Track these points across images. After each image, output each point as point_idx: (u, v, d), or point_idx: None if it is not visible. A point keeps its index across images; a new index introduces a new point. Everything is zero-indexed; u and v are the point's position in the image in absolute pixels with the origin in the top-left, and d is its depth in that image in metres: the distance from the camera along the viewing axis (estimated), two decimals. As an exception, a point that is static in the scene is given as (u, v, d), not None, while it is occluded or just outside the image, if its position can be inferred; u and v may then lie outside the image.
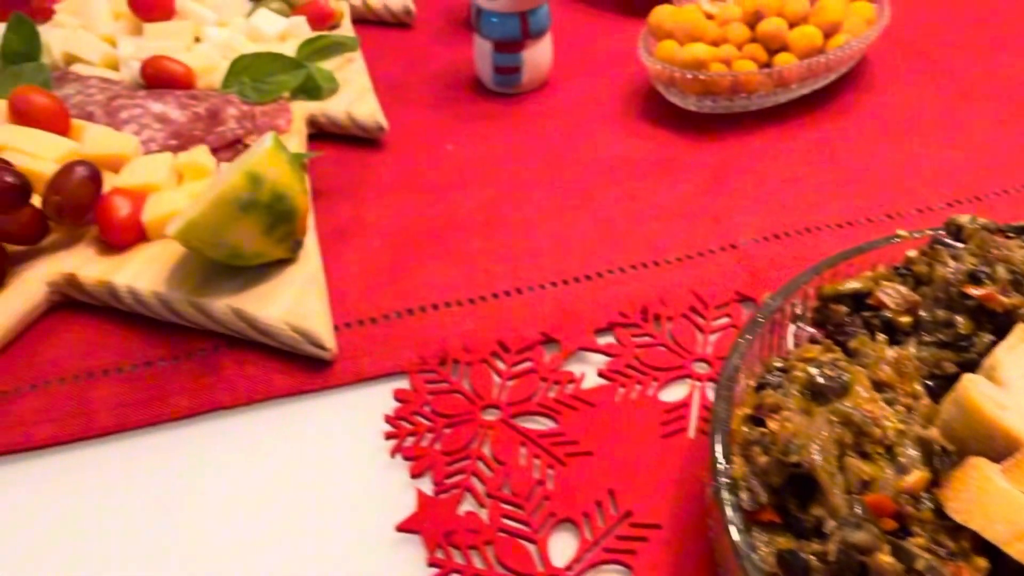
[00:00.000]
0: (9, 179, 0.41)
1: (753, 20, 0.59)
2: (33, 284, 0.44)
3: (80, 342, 0.43)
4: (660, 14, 0.60)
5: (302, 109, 0.58)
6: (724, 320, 0.42)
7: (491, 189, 0.54)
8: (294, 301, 0.42)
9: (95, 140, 0.49)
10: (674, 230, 0.49)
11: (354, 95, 0.60)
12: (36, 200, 0.45)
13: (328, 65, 0.63)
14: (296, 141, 0.55)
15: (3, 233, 0.43)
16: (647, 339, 0.41)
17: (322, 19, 0.67)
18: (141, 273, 0.44)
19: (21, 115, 0.50)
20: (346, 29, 0.70)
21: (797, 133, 0.58)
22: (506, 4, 0.59)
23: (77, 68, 0.60)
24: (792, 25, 0.58)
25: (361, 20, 0.75)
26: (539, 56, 0.63)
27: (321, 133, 0.59)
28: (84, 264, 0.45)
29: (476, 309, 0.44)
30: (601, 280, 0.46)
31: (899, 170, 0.54)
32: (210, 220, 0.39)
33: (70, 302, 0.45)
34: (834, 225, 0.49)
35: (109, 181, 0.47)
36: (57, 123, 0.50)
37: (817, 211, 0.50)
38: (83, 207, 0.45)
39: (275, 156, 0.41)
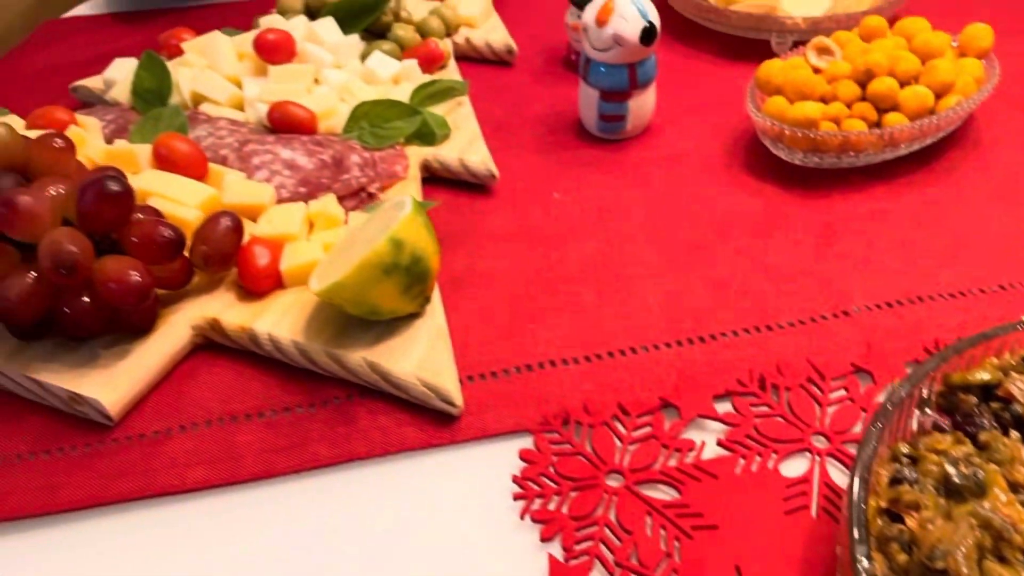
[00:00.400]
0: (168, 233, 0.44)
1: (864, 79, 0.59)
2: (179, 327, 0.47)
3: (222, 384, 0.46)
4: (769, 69, 0.61)
5: (416, 154, 0.61)
6: (841, 392, 0.43)
7: (600, 240, 0.55)
8: (424, 356, 0.44)
9: (234, 189, 0.52)
10: (785, 292, 0.50)
11: (465, 141, 0.62)
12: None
13: (439, 109, 0.65)
14: (413, 188, 0.58)
15: (155, 280, 0.46)
16: (765, 409, 0.42)
17: (432, 61, 0.70)
18: (280, 321, 0.46)
19: (164, 160, 0.53)
20: (452, 69, 0.73)
21: (904, 192, 0.58)
22: (616, 56, 0.61)
23: (205, 108, 0.63)
24: (903, 84, 0.59)
25: (464, 57, 0.78)
26: (644, 104, 0.65)
27: (433, 177, 0.61)
28: (226, 309, 0.47)
29: (593, 368, 0.46)
30: (715, 343, 0.47)
31: (1011, 235, 0.54)
32: (355, 282, 0.42)
33: (210, 344, 0.48)
34: (947, 295, 0.49)
35: (248, 229, 0.50)
36: (196, 168, 0.53)
37: (929, 278, 0.51)
38: (227, 256, 0.48)
39: (414, 220, 0.43)
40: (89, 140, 0.56)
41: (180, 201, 0.51)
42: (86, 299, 0.43)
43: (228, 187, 0.52)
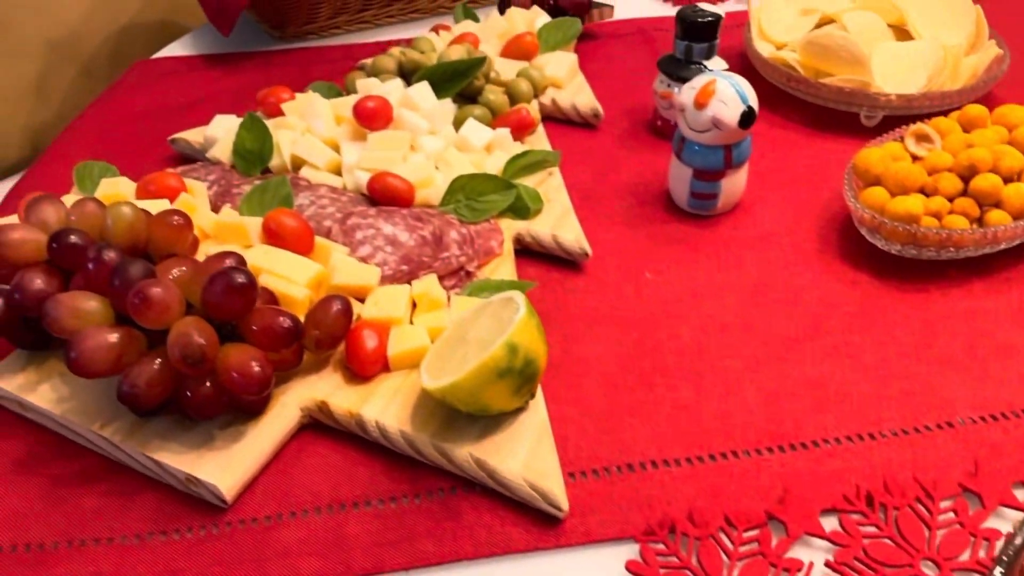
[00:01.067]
0: (287, 324, 0.45)
1: (966, 174, 0.58)
2: (289, 408, 0.48)
3: (330, 468, 0.47)
4: (868, 158, 0.61)
5: (509, 227, 0.62)
6: (950, 515, 0.43)
7: (694, 327, 0.55)
8: (530, 454, 0.45)
9: (343, 270, 0.53)
10: (887, 396, 0.50)
11: (557, 215, 0.63)
12: (293, 328, 0.49)
13: (530, 179, 0.66)
14: (508, 265, 0.58)
15: (274, 369, 0.47)
16: (873, 529, 0.42)
17: (523, 127, 0.70)
18: (387, 408, 0.47)
19: (273, 235, 0.55)
20: (540, 133, 0.73)
21: (1005, 290, 0.57)
22: (713, 137, 0.61)
23: (306, 172, 0.64)
24: (1006, 181, 0.58)
25: (549, 117, 0.78)
26: (736, 183, 0.65)
27: (524, 250, 0.62)
28: (334, 392, 0.49)
29: (696, 472, 0.46)
30: (818, 450, 0.47)
31: (1117, 344, 0.53)
32: (469, 385, 0.43)
33: (316, 423, 0.49)
34: (1054, 409, 0.49)
35: (354, 307, 0.51)
36: (303, 243, 0.55)
37: (1034, 389, 0.50)
38: (337, 339, 0.49)
39: (528, 324, 0.44)
40: (199, 208, 0.58)
41: (290, 279, 0.52)
42: (208, 385, 0.44)
43: (337, 268, 0.53)
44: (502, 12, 0.88)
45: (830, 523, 0.43)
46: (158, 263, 0.50)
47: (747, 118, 0.60)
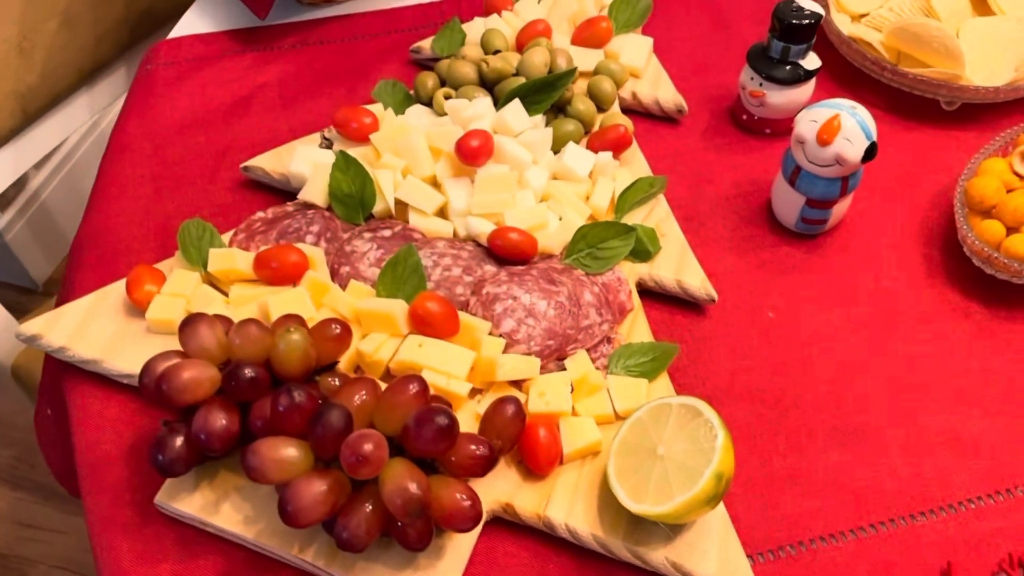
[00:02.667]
0: (484, 452, 0.46)
1: (1079, 203, 0.60)
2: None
3: (521, 567, 0.49)
4: (983, 189, 0.61)
5: (631, 272, 0.61)
6: (1094, 581, 0.49)
7: (826, 378, 0.58)
8: (720, 554, 0.48)
9: (504, 366, 0.53)
10: (1019, 443, 0.54)
11: (676, 255, 0.63)
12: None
13: (639, 211, 0.65)
14: (642, 324, 0.59)
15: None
16: (1030, 601, 0.48)
17: (622, 146, 0.68)
18: (573, 508, 0.50)
19: (422, 323, 0.54)
20: (633, 146, 0.71)
21: (1105, 315, 0.61)
22: (835, 172, 0.61)
23: (413, 219, 0.62)
24: (1115, 208, 0.60)
25: (628, 110, 0.75)
26: (845, 204, 0.65)
27: (644, 290, 0.62)
28: (516, 492, 0.50)
29: (861, 545, 0.50)
30: (965, 512, 0.51)
31: None
32: (679, 514, 0.45)
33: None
34: None
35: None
36: (451, 327, 0.54)
37: None
38: (515, 442, 0.50)
39: (728, 448, 0.46)
40: (332, 291, 0.56)
41: (450, 374, 0.52)
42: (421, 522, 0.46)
43: (499, 364, 0.52)
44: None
45: (989, 592, 0.48)
46: (320, 375, 0.49)
47: (870, 153, 0.60)
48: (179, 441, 0.47)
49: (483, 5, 0.80)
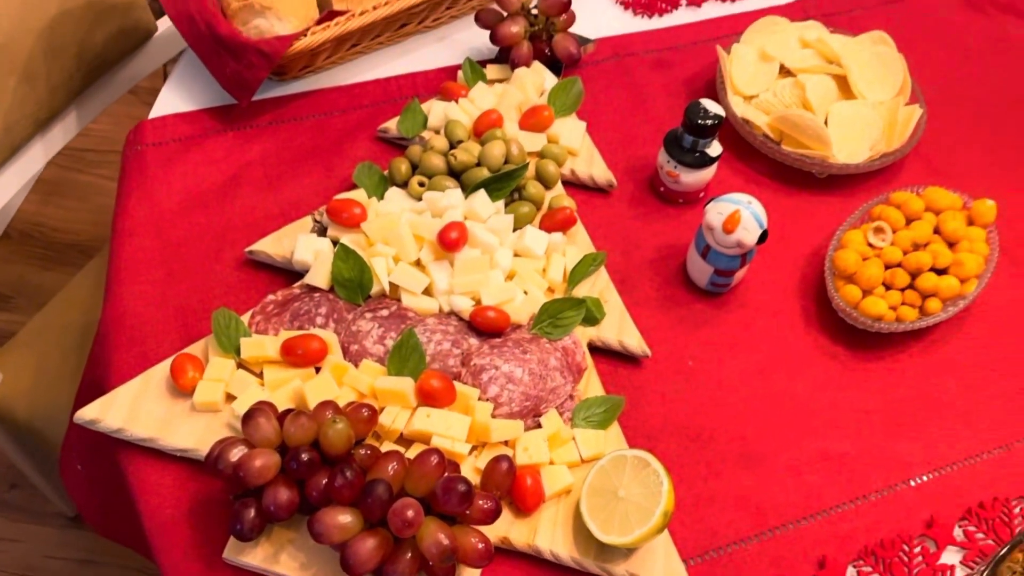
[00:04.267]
0: (491, 506, 0.61)
1: (913, 271, 0.79)
2: (481, 546, 0.65)
3: (518, 584, 0.65)
4: (844, 260, 0.80)
5: (583, 335, 0.77)
6: (919, 559, 0.68)
7: (734, 415, 0.75)
8: (665, 564, 0.65)
9: (498, 431, 0.67)
10: (870, 462, 0.73)
11: (617, 319, 0.78)
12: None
13: (586, 283, 0.80)
14: (595, 380, 0.75)
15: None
16: (878, 578, 0.67)
17: (569, 224, 0.83)
18: (555, 537, 0.65)
19: (427, 396, 0.68)
20: (579, 224, 0.85)
21: (933, 349, 0.81)
22: (736, 251, 0.78)
23: (405, 299, 0.75)
24: (940, 272, 0.80)
25: (568, 183, 0.90)
26: (743, 272, 0.82)
27: (593, 348, 0.78)
28: (511, 528, 0.66)
29: (763, 547, 0.68)
30: (835, 514, 0.70)
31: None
32: (638, 542, 0.61)
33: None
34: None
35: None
36: (450, 397, 0.68)
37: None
38: (508, 490, 0.65)
39: (671, 491, 0.62)
40: (349, 371, 0.69)
41: (453, 438, 0.66)
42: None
43: (492, 428, 0.67)
44: (506, 61, 0.95)
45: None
46: (354, 448, 0.63)
47: (763, 238, 0.77)
48: (252, 513, 0.60)
49: (440, 90, 0.92)
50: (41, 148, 1.16)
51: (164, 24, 1.25)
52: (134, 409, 0.68)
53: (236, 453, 0.60)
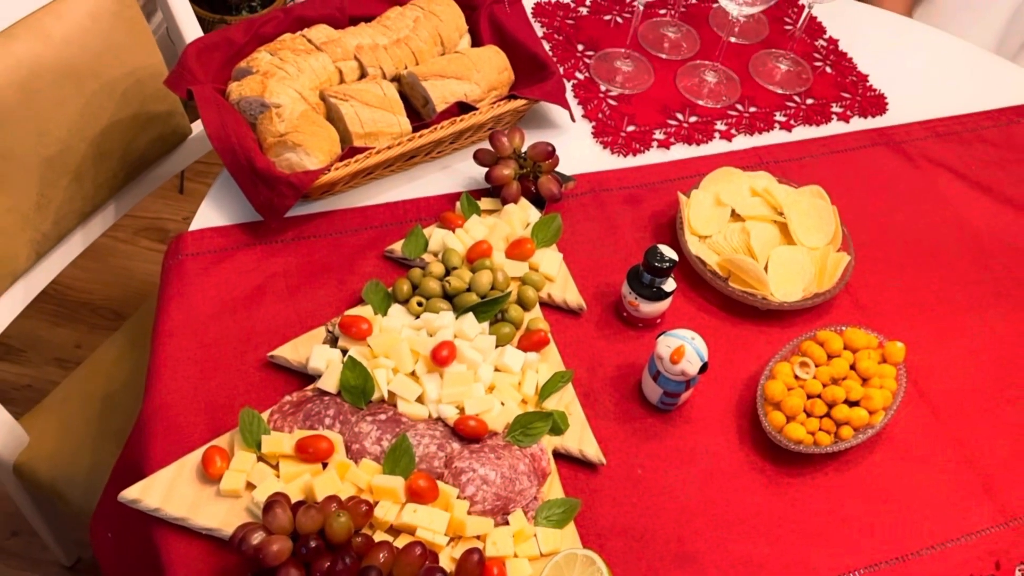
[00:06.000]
0: (464, 591, 0.74)
1: (829, 402, 0.94)
2: (453, 624, 0.78)
3: (481, 657, 0.78)
4: (772, 389, 0.95)
5: (549, 443, 0.91)
6: (819, 653, 0.82)
7: (675, 520, 0.89)
8: (604, 645, 0.78)
9: (471, 526, 0.81)
10: (784, 565, 0.87)
11: (579, 430, 0.93)
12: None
13: (555, 397, 0.95)
14: (556, 484, 0.89)
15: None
16: (782, 667, 0.80)
17: (542, 344, 0.98)
18: (514, 619, 0.78)
19: (415, 494, 0.81)
20: (552, 344, 1.00)
21: (847, 468, 0.95)
22: (681, 377, 0.93)
23: (401, 405, 0.89)
24: (851, 404, 0.95)
25: (544, 304, 1.05)
26: (689, 394, 0.97)
27: (557, 455, 0.92)
28: (478, 610, 0.79)
29: (688, 634, 0.81)
30: (750, 612, 0.84)
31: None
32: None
33: (462, 623, 0.79)
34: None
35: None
36: (433, 495, 0.82)
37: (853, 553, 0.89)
38: (478, 578, 0.78)
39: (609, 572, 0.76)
40: (351, 469, 0.83)
41: (434, 531, 0.80)
42: (421, 636, 0.73)
43: (467, 524, 0.81)
44: (498, 196, 1.11)
45: (760, 662, 0.80)
46: (353, 539, 0.76)
47: (703, 369, 0.92)
48: (267, 588, 0.73)
49: (440, 218, 1.08)
50: (81, 236, 1.31)
51: (197, 127, 1.42)
52: (170, 491, 0.82)
53: (256, 538, 0.73)
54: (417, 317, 0.97)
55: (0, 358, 1.90)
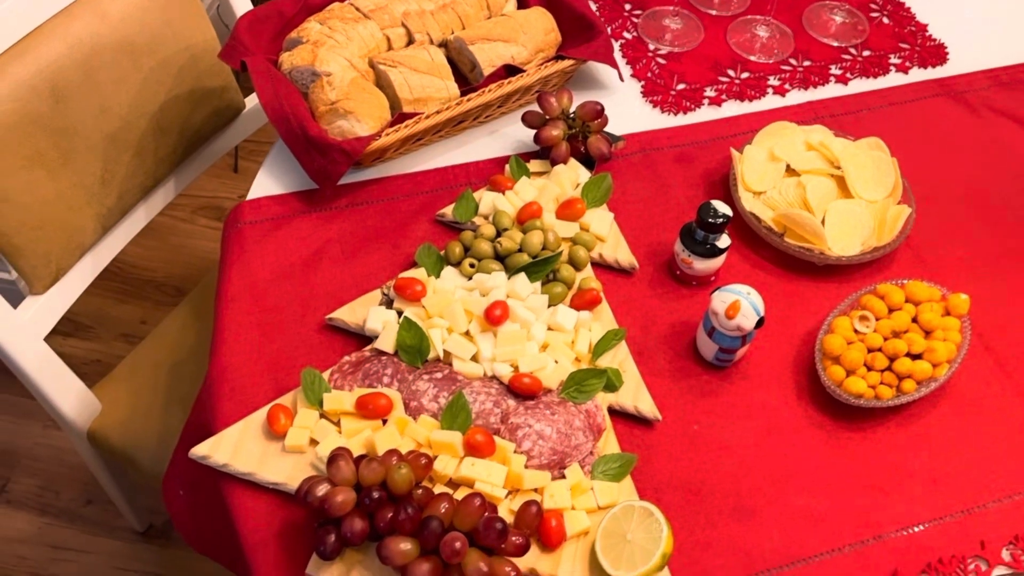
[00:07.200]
0: (522, 542, 0.75)
1: (891, 355, 0.92)
2: None
3: (542, 607, 0.79)
4: (831, 344, 0.93)
5: (604, 400, 0.91)
6: (882, 605, 0.81)
7: (733, 473, 0.89)
8: (664, 595, 0.79)
9: (530, 480, 0.82)
10: (841, 518, 0.86)
11: (634, 387, 0.93)
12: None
13: (608, 355, 0.95)
14: (612, 439, 0.89)
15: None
16: (845, 619, 0.80)
17: (595, 303, 0.98)
18: (574, 570, 0.79)
19: (473, 448, 0.83)
20: (604, 302, 1.00)
21: (908, 423, 0.94)
22: (737, 333, 0.92)
23: (456, 364, 0.91)
24: (915, 357, 0.93)
25: (596, 264, 1.05)
26: (745, 350, 0.96)
27: (612, 411, 0.92)
28: (538, 561, 0.80)
29: (748, 586, 0.81)
30: (809, 564, 0.83)
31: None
32: (637, 578, 0.75)
33: None
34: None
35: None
36: (490, 449, 0.83)
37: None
38: (536, 529, 0.79)
39: (670, 538, 0.76)
40: (409, 424, 0.84)
41: (493, 483, 0.81)
42: (483, 584, 0.75)
43: (524, 477, 0.82)
44: (547, 158, 1.11)
45: (822, 614, 0.80)
46: (414, 491, 0.78)
47: (759, 324, 0.91)
48: (332, 538, 0.75)
49: (490, 181, 1.08)
50: (144, 210, 1.35)
51: (251, 102, 1.44)
52: (237, 448, 0.84)
53: (322, 489, 0.75)
54: (469, 278, 0.98)
55: (70, 334, 1.97)
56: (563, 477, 0.85)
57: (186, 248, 2.17)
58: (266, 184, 1.11)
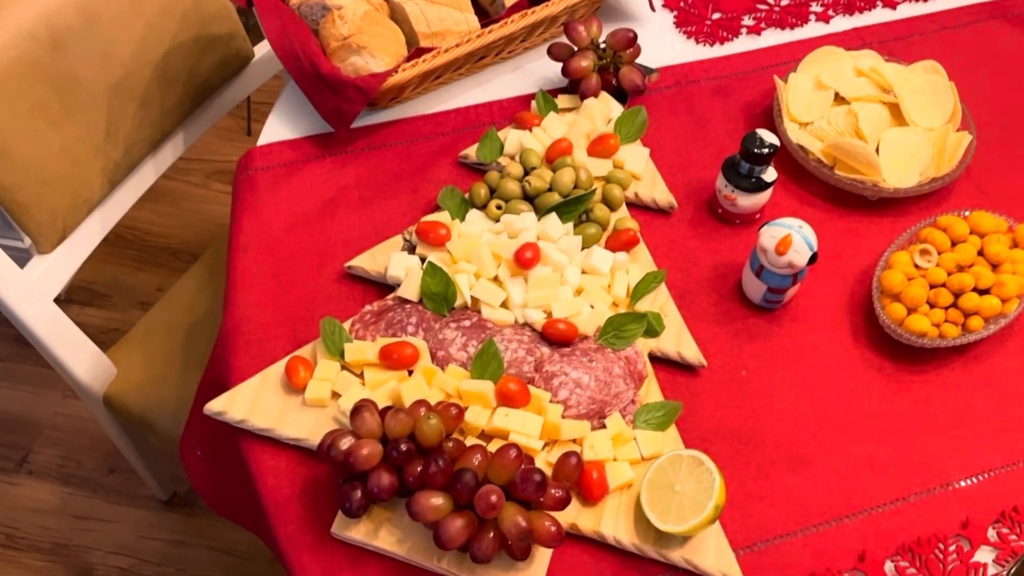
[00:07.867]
0: (562, 495, 0.69)
1: (956, 291, 0.85)
2: (552, 531, 0.74)
3: (584, 567, 0.73)
4: (891, 280, 0.86)
5: (644, 346, 0.85)
6: (953, 556, 0.74)
7: (783, 421, 0.82)
8: (717, 553, 0.72)
9: (567, 431, 0.76)
10: (905, 466, 0.80)
11: (676, 332, 0.86)
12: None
13: (648, 298, 0.88)
14: (654, 387, 0.83)
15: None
16: (914, 572, 0.74)
17: (632, 244, 0.91)
18: (618, 525, 0.74)
19: (506, 398, 0.77)
20: (641, 243, 0.93)
21: (976, 366, 0.86)
22: (787, 271, 0.85)
23: (484, 311, 0.84)
24: (982, 292, 0.85)
25: (631, 205, 0.98)
26: (795, 290, 0.89)
27: (653, 358, 0.86)
28: (579, 516, 0.74)
29: (808, 540, 0.75)
30: (872, 515, 0.77)
31: (1041, 408, 0.84)
32: (692, 531, 0.69)
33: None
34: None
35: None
36: (525, 399, 0.77)
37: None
38: (577, 482, 0.74)
39: (722, 487, 0.70)
40: (437, 374, 0.79)
41: (528, 435, 0.75)
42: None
43: (561, 427, 0.76)
44: (576, 91, 1.03)
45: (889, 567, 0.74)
46: (444, 443, 0.72)
47: (812, 259, 0.84)
48: (358, 494, 0.70)
49: (515, 119, 1.01)
50: (153, 166, 1.29)
51: (260, 51, 1.37)
52: (254, 403, 0.79)
53: (345, 443, 0.70)
54: (497, 221, 0.92)
55: (87, 303, 1.93)
56: (603, 427, 0.79)
57: (201, 213, 2.12)
58: (278, 128, 1.05)
